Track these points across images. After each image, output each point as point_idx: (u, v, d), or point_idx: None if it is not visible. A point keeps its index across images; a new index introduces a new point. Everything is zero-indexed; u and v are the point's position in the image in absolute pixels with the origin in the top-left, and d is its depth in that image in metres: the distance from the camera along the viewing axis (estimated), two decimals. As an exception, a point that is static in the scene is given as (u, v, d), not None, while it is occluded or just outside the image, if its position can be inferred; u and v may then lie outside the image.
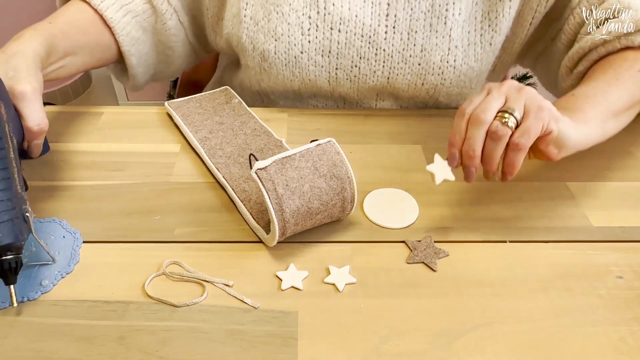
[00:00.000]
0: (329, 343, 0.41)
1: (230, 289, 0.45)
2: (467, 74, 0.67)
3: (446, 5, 0.63)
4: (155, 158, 0.61)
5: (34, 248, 0.48)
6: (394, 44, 0.65)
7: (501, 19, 0.64)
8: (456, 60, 0.65)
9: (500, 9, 0.63)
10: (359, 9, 0.63)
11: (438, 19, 0.63)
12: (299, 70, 0.67)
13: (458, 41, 0.64)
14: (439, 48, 0.65)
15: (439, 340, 0.42)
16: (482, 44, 0.65)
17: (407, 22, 0.64)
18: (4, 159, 0.42)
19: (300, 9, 0.62)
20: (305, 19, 0.63)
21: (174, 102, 0.68)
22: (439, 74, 0.66)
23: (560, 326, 0.43)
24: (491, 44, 0.66)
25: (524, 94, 0.45)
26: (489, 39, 0.65)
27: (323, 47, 0.65)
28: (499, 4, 0.63)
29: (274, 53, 0.65)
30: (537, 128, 0.44)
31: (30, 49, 0.51)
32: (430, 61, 0.65)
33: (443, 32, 0.64)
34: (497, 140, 0.44)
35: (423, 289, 0.46)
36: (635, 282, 0.47)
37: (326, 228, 0.52)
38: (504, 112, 0.44)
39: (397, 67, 0.66)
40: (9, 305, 0.43)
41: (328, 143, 0.48)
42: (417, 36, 0.64)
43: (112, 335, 0.41)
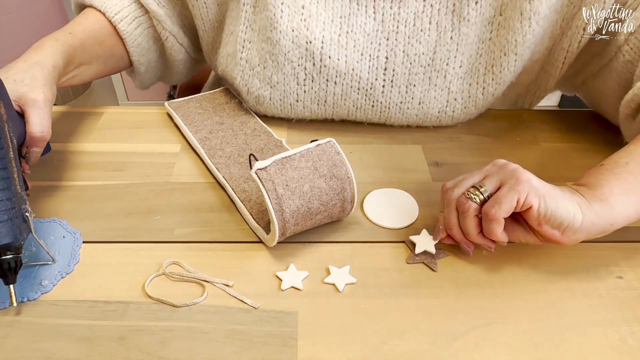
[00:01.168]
0: (329, 343, 0.41)
1: (230, 289, 0.45)
2: (466, 118, 0.66)
3: (447, 60, 0.61)
4: (155, 158, 0.61)
5: (33, 248, 0.48)
6: (392, 97, 0.63)
7: (505, 72, 0.61)
8: (455, 111, 0.64)
9: (505, 63, 0.60)
10: (355, 63, 0.61)
11: (438, 73, 0.62)
12: (294, 114, 0.66)
13: (457, 94, 0.63)
14: (437, 101, 0.63)
15: (439, 340, 0.42)
16: (485, 96, 0.63)
17: (405, 77, 0.62)
18: (3, 159, 0.42)
19: (296, 60, 0.61)
20: (301, 70, 0.62)
21: (174, 102, 0.68)
22: (437, 122, 0.66)
23: (560, 326, 0.43)
24: (493, 95, 0.64)
25: (504, 169, 0.45)
26: (492, 91, 0.63)
27: (319, 97, 0.64)
28: (503, 58, 0.60)
29: (269, 99, 0.64)
30: (509, 199, 0.42)
31: (50, 61, 0.54)
32: (428, 113, 0.64)
33: (442, 85, 0.62)
34: (463, 213, 0.45)
35: (423, 289, 0.46)
36: (635, 282, 0.47)
37: (326, 228, 0.52)
38: (473, 188, 0.45)
39: (394, 117, 0.65)
40: (9, 305, 0.43)
41: (328, 143, 0.48)
42: (416, 90, 0.63)
43: (112, 335, 0.41)
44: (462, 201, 0.45)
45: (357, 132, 0.67)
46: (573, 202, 0.43)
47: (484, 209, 0.44)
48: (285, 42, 0.60)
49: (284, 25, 0.59)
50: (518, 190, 0.42)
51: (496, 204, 0.43)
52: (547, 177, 0.59)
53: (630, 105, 0.56)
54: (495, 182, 0.45)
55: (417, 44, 0.61)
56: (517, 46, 0.59)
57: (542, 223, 0.43)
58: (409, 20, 0.60)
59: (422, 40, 0.60)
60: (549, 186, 0.44)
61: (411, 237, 0.50)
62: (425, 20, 0.59)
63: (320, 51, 0.60)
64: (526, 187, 0.42)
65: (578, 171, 0.60)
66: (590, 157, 0.63)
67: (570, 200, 0.43)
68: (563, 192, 0.44)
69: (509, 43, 0.59)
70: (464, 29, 0.59)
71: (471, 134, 0.66)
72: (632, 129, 0.58)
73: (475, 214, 0.44)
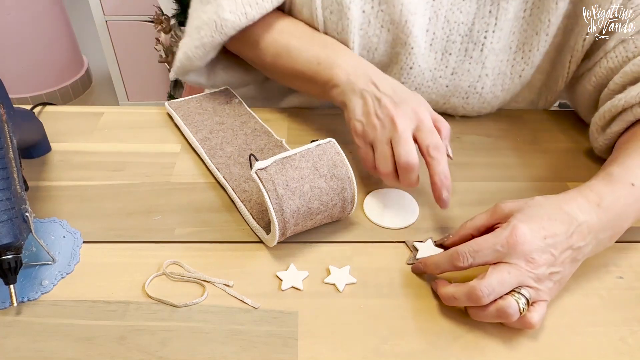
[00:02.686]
0: (329, 343, 0.41)
1: (231, 289, 0.45)
2: (491, 102, 0.66)
3: (485, 32, 0.61)
4: (155, 158, 0.61)
5: (34, 248, 0.48)
6: (428, 61, 0.63)
7: (535, 52, 0.62)
8: (484, 88, 0.64)
9: (536, 42, 0.61)
10: (410, 15, 0.59)
11: (475, 45, 0.61)
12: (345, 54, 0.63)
13: (489, 69, 0.63)
14: (469, 74, 0.63)
15: (439, 341, 0.42)
16: (512, 75, 0.63)
17: (443, 43, 0.62)
18: (3, 159, 0.42)
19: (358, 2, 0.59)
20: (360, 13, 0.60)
21: (174, 102, 0.68)
22: (463, 97, 0.65)
23: (560, 326, 0.43)
24: (520, 76, 0.64)
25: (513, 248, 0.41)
26: (519, 70, 0.63)
27: (371, 43, 0.62)
28: (534, 37, 0.61)
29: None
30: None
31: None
32: (458, 85, 0.64)
33: (477, 59, 0.62)
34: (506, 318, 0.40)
35: (423, 289, 0.46)
36: (635, 282, 0.47)
37: (326, 228, 0.52)
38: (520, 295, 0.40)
39: (425, 85, 0.65)
40: (9, 305, 0.43)
41: (328, 143, 0.48)
42: (450, 58, 0.63)
43: (112, 335, 0.41)
44: (510, 305, 0.40)
45: (357, 132, 0.67)
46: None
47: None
48: None
49: None
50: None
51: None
52: (547, 177, 0.60)
53: (604, 116, 0.57)
54: (534, 293, 0.41)
55: (457, 12, 0.60)
56: (550, 26, 0.60)
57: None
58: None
59: (462, 10, 0.60)
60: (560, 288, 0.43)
61: (415, 243, 0.50)
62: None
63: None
64: (543, 311, 0.41)
65: (578, 171, 0.61)
66: (590, 157, 0.63)
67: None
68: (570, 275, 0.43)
69: (542, 23, 0.60)
70: (502, 3, 0.59)
71: (471, 134, 0.66)
72: (599, 140, 0.59)
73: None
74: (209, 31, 0.60)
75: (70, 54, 2.10)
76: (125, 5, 1.79)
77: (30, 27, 1.88)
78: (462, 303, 0.42)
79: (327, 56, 0.59)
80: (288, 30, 0.63)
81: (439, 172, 0.48)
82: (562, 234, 0.41)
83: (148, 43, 1.86)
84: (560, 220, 0.42)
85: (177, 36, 1.69)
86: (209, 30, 0.60)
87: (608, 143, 0.58)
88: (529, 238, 0.40)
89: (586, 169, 0.61)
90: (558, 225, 0.42)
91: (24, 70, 1.95)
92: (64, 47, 2.04)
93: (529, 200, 0.44)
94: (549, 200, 0.44)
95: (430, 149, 0.49)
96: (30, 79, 1.99)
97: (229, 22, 0.59)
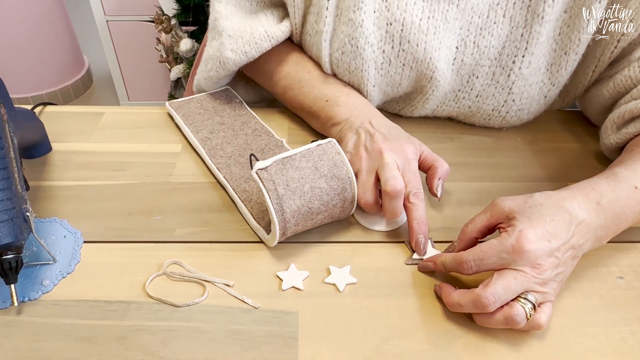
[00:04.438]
0: (329, 343, 0.41)
1: (231, 289, 0.45)
2: (512, 123, 0.65)
3: (514, 57, 0.59)
4: (156, 158, 0.61)
5: (34, 248, 0.48)
6: (452, 84, 0.62)
7: (562, 72, 0.60)
8: (508, 112, 0.63)
9: (564, 62, 0.60)
10: (434, 51, 0.59)
11: (503, 70, 0.60)
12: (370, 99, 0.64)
13: (517, 95, 0.61)
14: (494, 98, 0.62)
15: (439, 341, 0.42)
16: (538, 97, 0.62)
17: (471, 67, 0.61)
18: (4, 159, 0.42)
19: (376, 43, 0.59)
20: (380, 53, 0.60)
21: (174, 102, 0.68)
22: (485, 118, 0.65)
23: (560, 326, 0.43)
24: (546, 97, 0.63)
25: (518, 254, 0.41)
26: (545, 92, 0.62)
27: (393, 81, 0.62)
28: (563, 57, 0.59)
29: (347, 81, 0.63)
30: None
31: None
32: (481, 108, 0.64)
33: (504, 84, 0.61)
34: (515, 325, 0.40)
35: (424, 289, 0.46)
36: (636, 282, 0.47)
37: (327, 228, 0.52)
38: (526, 300, 0.41)
39: (447, 104, 0.65)
40: (10, 305, 0.43)
41: (329, 143, 0.48)
42: (477, 82, 0.62)
43: (113, 335, 0.41)
44: (518, 313, 0.40)
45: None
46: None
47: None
48: (368, 24, 0.58)
49: (368, 6, 0.57)
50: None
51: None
52: (547, 177, 0.60)
53: (624, 116, 0.57)
54: (540, 297, 0.41)
55: (488, 36, 0.59)
56: (580, 45, 0.58)
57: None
58: (484, 12, 0.58)
59: (493, 33, 0.59)
60: (557, 284, 0.42)
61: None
62: (500, 13, 0.57)
63: (400, 34, 0.58)
64: (549, 311, 0.42)
65: (578, 172, 0.60)
66: (590, 157, 0.63)
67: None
68: (573, 262, 0.43)
69: (571, 42, 0.58)
70: (536, 26, 0.57)
71: (471, 134, 0.66)
72: (612, 137, 0.59)
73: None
74: (213, 66, 0.65)
75: (71, 54, 2.10)
76: (126, 5, 1.79)
77: (31, 27, 1.88)
78: (468, 310, 0.42)
79: (334, 96, 0.60)
80: (302, 64, 0.65)
81: (417, 217, 0.49)
82: (564, 236, 0.41)
83: (149, 43, 1.86)
84: (562, 220, 0.42)
85: (178, 36, 1.69)
86: (213, 65, 0.65)
87: (619, 142, 0.58)
88: (534, 245, 0.40)
89: (586, 170, 0.61)
90: (560, 226, 0.42)
91: (24, 70, 1.95)
92: (64, 47, 2.04)
93: (528, 198, 0.44)
94: (550, 198, 0.44)
95: (410, 195, 0.49)
96: (31, 79, 1.99)
97: (230, 60, 0.63)
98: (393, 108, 0.69)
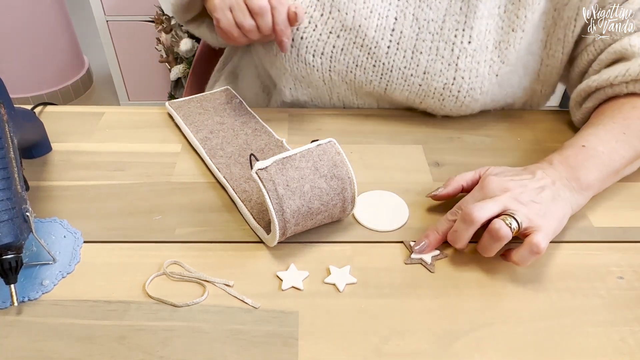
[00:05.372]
0: (329, 343, 0.41)
1: (231, 289, 0.45)
2: (469, 105, 0.65)
3: (455, 31, 0.60)
4: (156, 158, 0.61)
5: (34, 248, 0.48)
6: (395, 60, 0.63)
7: (511, 49, 0.62)
8: (460, 91, 0.63)
9: (512, 39, 0.61)
10: (363, 19, 0.61)
11: (445, 44, 0.61)
12: (289, 64, 0.66)
13: (465, 72, 0.62)
14: (442, 75, 0.63)
15: (439, 341, 0.42)
16: (489, 76, 0.63)
17: (412, 41, 0.62)
18: (4, 159, 0.42)
19: (305, 7, 0.62)
20: (307, 17, 0.62)
21: (174, 102, 0.68)
22: (439, 99, 0.65)
23: (561, 327, 0.43)
24: (497, 75, 0.63)
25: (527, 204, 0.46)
26: (496, 70, 0.63)
27: (316, 47, 0.64)
28: (511, 34, 0.61)
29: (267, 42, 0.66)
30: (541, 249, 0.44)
31: None
32: (431, 85, 0.64)
33: (449, 59, 0.62)
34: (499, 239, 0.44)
35: (424, 289, 0.46)
36: (636, 282, 0.47)
37: (327, 228, 0.52)
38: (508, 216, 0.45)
39: (396, 82, 0.65)
40: (10, 305, 0.43)
41: (328, 143, 0.48)
42: (422, 57, 0.62)
43: (113, 335, 0.41)
44: (501, 227, 0.44)
45: (358, 132, 0.67)
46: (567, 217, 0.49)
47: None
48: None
49: None
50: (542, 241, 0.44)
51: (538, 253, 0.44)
52: (547, 177, 0.60)
53: (581, 94, 0.62)
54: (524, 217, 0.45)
55: (427, 9, 0.61)
56: (527, 22, 0.60)
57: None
58: None
59: (432, 6, 0.60)
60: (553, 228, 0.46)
61: (412, 243, 0.50)
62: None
63: (330, 2, 0.61)
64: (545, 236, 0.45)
65: (579, 171, 0.60)
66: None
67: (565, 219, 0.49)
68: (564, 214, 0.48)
69: (518, 19, 0.60)
70: (473, 0, 0.59)
71: (472, 134, 0.66)
72: (577, 114, 0.66)
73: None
74: None
75: (71, 54, 2.10)
76: (126, 5, 1.79)
77: (31, 26, 1.88)
78: (461, 231, 0.46)
79: None
80: None
81: (279, 22, 0.55)
82: (526, 179, 0.48)
83: (149, 43, 1.86)
84: (523, 172, 0.50)
85: (178, 36, 1.69)
86: None
87: (584, 117, 0.64)
88: (497, 177, 0.48)
89: (587, 169, 0.61)
90: (522, 173, 0.50)
91: (24, 70, 1.95)
92: (64, 47, 2.04)
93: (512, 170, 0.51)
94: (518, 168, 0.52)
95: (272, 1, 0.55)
96: (31, 79, 1.99)
97: None
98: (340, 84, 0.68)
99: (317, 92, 0.70)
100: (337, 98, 0.71)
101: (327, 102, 0.72)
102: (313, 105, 0.73)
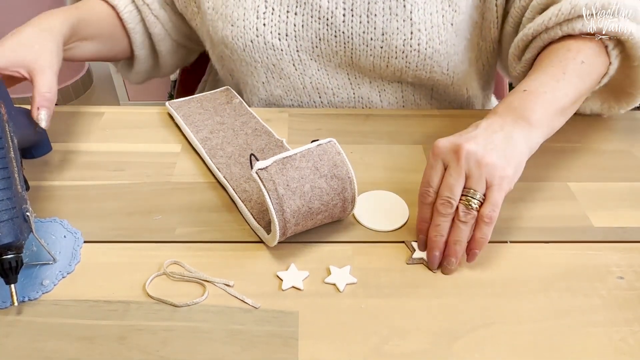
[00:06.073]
0: (329, 343, 0.41)
1: (231, 289, 0.45)
2: (434, 58, 0.67)
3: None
4: (156, 158, 0.61)
5: (34, 248, 0.48)
6: (354, 27, 0.65)
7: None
8: (420, 44, 0.65)
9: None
10: None
11: (397, 2, 0.63)
12: (258, 55, 0.67)
13: (421, 24, 0.64)
14: (400, 32, 0.64)
15: (439, 341, 0.42)
16: (445, 25, 0.65)
17: (365, 5, 0.63)
18: (4, 158, 0.42)
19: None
20: (261, 2, 0.64)
21: (174, 102, 0.68)
22: (403, 57, 0.66)
23: (561, 326, 0.43)
24: (452, 24, 0.65)
25: (484, 168, 0.46)
26: (450, 19, 0.65)
27: (279, 29, 0.65)
28: None
29: (231, 39, 0.66)
30: (501, 199, 0.46)
31: (59, 29, 0.58)
32: (392, 45, 0.65)
33: (403, 15, 0.63)
34: (465, 223, 0.46)
35: (424, 289, 0.46)
36: (636, 282, 0.47)
37: (327, 228, 0.52)
38: (468, 196, 0.46)
39: (359, 49, 0.66)
40: (10, 305, 0.43)
41: (329, 143, 0.48)
42: (377, 19, 0.64)
43: (113, 335, 0.41)
44: (465, 212, 0.45)
45: (358, 132, 0.67)
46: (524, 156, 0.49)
47: (484, 212, 0.45)
48: None
49: None
50: (504, 189, 0.46)
51: (494, 206, 0.45)
52: (547, 177, 0.60)
53: (519, 45, 0.63)
54: (484, 184, 0.46)
55: None
56: None
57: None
58: None
59: None
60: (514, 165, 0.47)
61: (413, 243, 0.50)
62: None
63: None
64: (508, 182, 0.46)
65: (578, 171, 0.61)
66: (590, 157, 0.63)
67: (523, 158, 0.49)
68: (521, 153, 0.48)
69: None
70: None
71: (472, 134, 0.66)
72: (517, 68, 0.65)
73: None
74: None
75: (71, 54, 2.10)
76: (126, 5, 1.79)
77: (31, 27, 1.88)
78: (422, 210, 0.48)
79: None
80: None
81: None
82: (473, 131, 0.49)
83: (149, 43, 1.86)
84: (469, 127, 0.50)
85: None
86: None
87: (524, 70, 0.64)
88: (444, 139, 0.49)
89: (586, 169, 0.61)
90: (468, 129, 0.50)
91: (24, 70, 1.95)
92: (64, 47, 2.04)
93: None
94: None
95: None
96: (31, 79, 1.99)
97: None
98: (310, 64, 0.69)
99: (290, 81, 0.71)
100: (310, 85, 0.71)
101: (302, 92, 0.72)
102: (289, 100, 0.73)
